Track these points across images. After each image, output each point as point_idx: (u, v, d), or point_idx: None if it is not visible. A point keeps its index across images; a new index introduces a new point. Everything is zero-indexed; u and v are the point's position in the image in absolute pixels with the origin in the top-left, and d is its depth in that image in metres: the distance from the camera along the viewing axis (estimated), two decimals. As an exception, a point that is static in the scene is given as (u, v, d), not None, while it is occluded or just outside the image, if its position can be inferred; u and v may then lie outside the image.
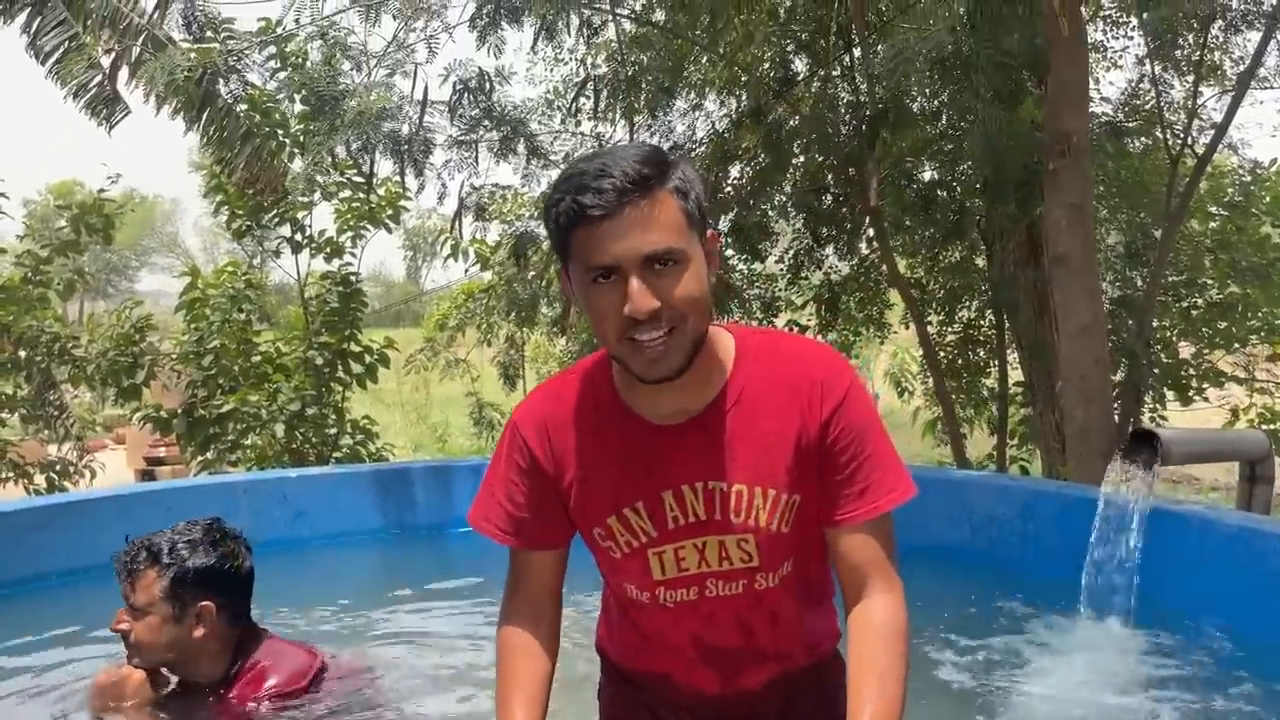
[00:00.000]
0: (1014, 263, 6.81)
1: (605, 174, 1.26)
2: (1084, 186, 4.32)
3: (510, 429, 1.53)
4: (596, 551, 1.53)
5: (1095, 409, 4.24)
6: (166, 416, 7.11)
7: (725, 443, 1.42)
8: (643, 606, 1.52)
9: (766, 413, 1.42)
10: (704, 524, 1.44)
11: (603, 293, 1.29)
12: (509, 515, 1.51)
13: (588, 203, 1.26)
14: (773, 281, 7.71)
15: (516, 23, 5.08)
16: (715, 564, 1.46)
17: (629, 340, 1.30)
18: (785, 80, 5.98)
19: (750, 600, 1.49)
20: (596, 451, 1.46)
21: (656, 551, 1.46)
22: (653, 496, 1.44)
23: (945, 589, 4.02)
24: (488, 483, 1.55)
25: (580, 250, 1.29)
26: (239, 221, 7.44)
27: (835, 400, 1.42)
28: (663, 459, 1.43)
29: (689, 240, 1.30)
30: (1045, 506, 3.97)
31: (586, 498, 1.47)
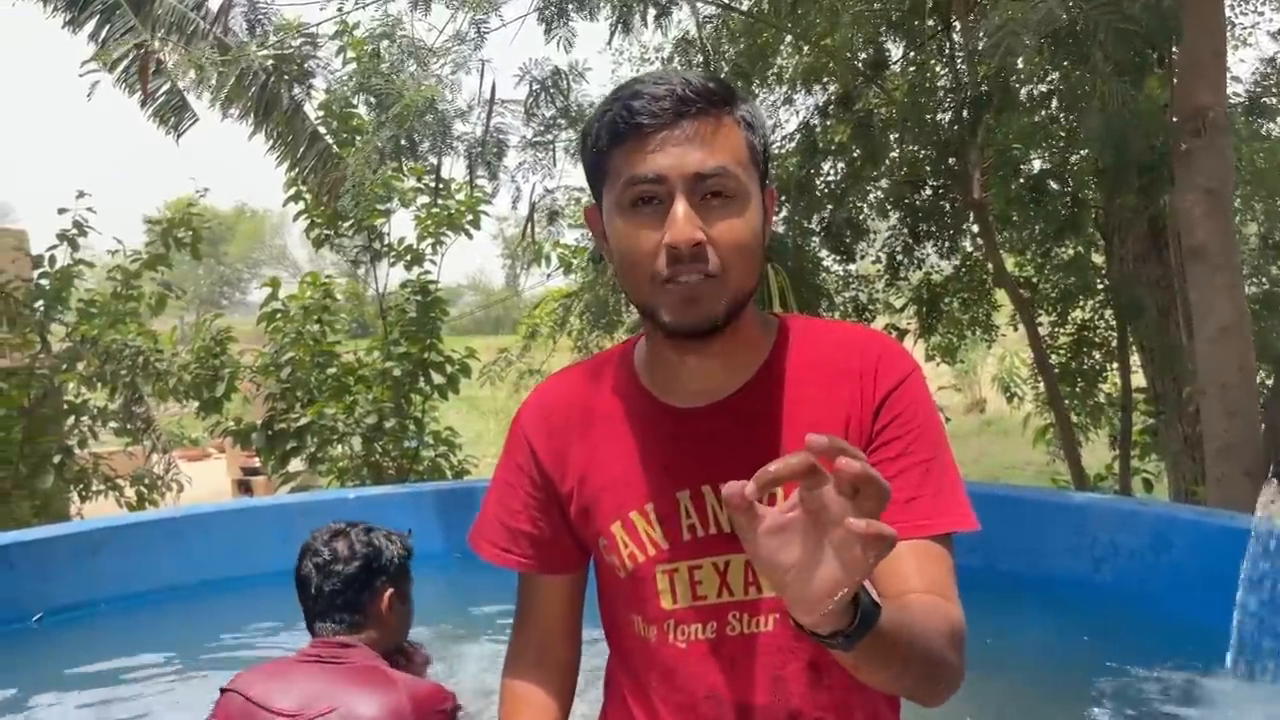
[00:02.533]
0: (1134, 258, 6.25)
1: (664, 82, 1.07)
2: (1223, 169, 3.80)
3: (511, 426, 1.29)
4: (603, 573, 1.26)
5: (1240, 423, 3.71)
6: (245, 430, 7.05)
7: (759, 433, 1.15)
8: (649, 652, 1.19)
9: (811, 398, 1.15)
10: (728, 538, 1.13)
11: (639, 219, 1.07)
12: (505, 528, 1.27)
13: (639, 108, 1.05)
14: (869, 283, 7.26)
15: (586, 14, 4.78)
16: (740, 591, 1.14)
17: (660, 284, 1.06)
18: (876, 64, 5.54)
19: (783, 642, 1.15)
20: (605, 442, 1.21)
21: (667, 569, 1.16)
22: (666, 498, 1.16)
23: (1060, 631, 3.58)
24: (486, 496, 1.31)
25: (620, 165, 1.08)
26: (317, 230, 7.35)
27: (892, 381, 1.15)
28: (681, 451, 1.16)
29: (750, 176, 1.09)
30: (1182, 536, 3.48)
31: (591, 500, 1.21)
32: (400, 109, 3.92)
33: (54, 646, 3.47)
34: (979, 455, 13.19)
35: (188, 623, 3.70)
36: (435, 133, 4.23)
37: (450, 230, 7.57)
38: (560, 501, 1.23)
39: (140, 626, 3.61)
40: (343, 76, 5.52)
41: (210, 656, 3.40)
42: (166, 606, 3.73)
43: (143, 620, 3.66)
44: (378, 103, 4.57)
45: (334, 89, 5.65)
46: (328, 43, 5.23)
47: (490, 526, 1.28)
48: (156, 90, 5.34)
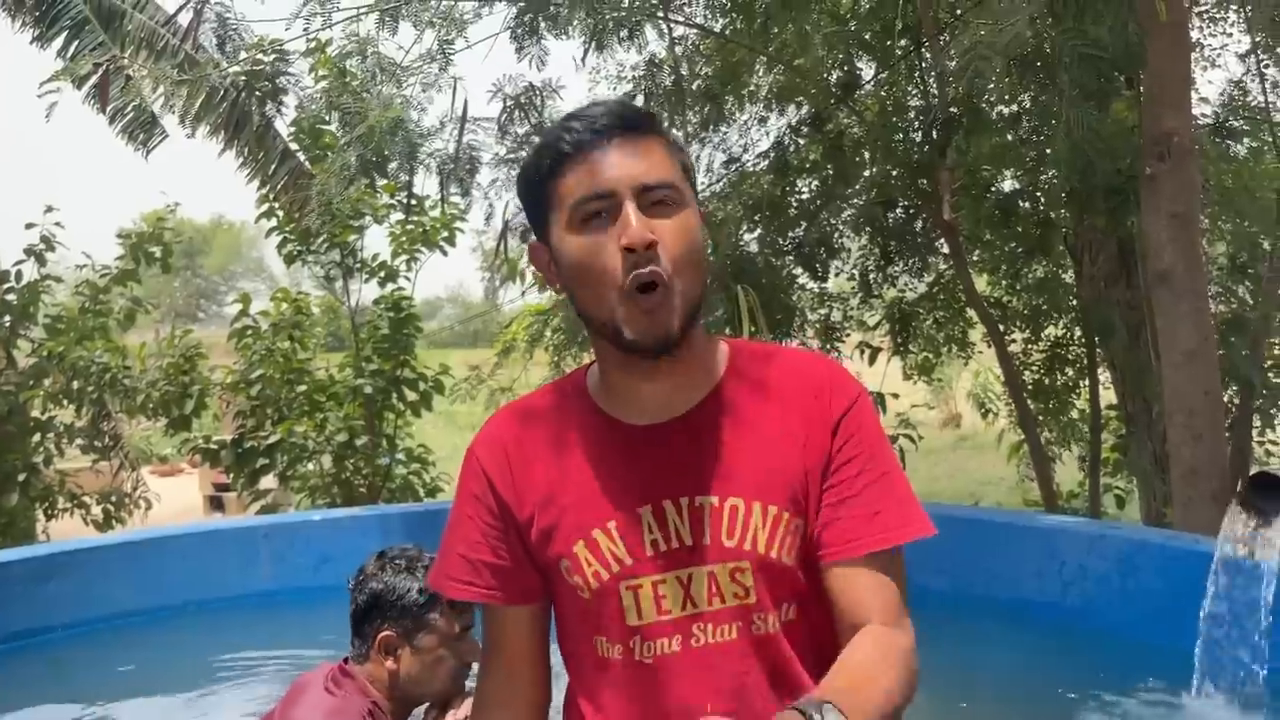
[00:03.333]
0: (1105, 278, 6.28)
1: (596, 106, 1.18)
2: (1189, 194, 3.82)
3: (466, 457, 1.29)
4: (563, 600, 1.24)
5: (1205, 447, 3.72)
6: (215, 447, 6.97)
7: (717, 448, 1.19)
8: (614, 672, 1.19)
9: (766, 414, 1.21)
10: (690, 551, 1.17)
11: (592, 235, 1.12)
12: (466, 561, 1.25)
13: (580, 128, 1.14)
14: (843, 301, 7.27)
15: (559, 33, 4.78)
16: (703, 603, 1.16)
17: (627, 296, 1.10)
18: (848, 85, 5.57)
19: (745, 649, 1.17)
20: (564, 465, 1.22)
21: (632, 585, 1.17)
22: (628, 513, 1.18)
23: (1030, 653, 3.58)
24: (445, 532, 1.30)
25: (567, 188, 1.14)
26: (290, 246, 7.29)
27: (845, 403, 1.21)
28: (640, 467, 1.19)
29: (685, 186, 1.18)
30: (1150, 559, 3.49)
31: (552, 523, 1.21)
32: (365, 129, 3.89)
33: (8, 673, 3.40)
34: (954, 471, 13.22)
35: (147, 648, 3.64)
36: (403, 152, 4.20)
37: (425, 247, 7.54)
38: (519, 529, 1.23)
39: (98, 652, 3.55)
40: (313, 94, 5.49)
41: (171, 682, 3.35)
42: (125, 632, 3.67)
43: (101, 646, 3.60)
44: (346, 121, 4.55)
45: (305, 106, 5.61)
46: (298, 60, 5.21)
47: (451, 561, 1.27)
48: (125, 107, 5.28)
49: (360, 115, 4.18)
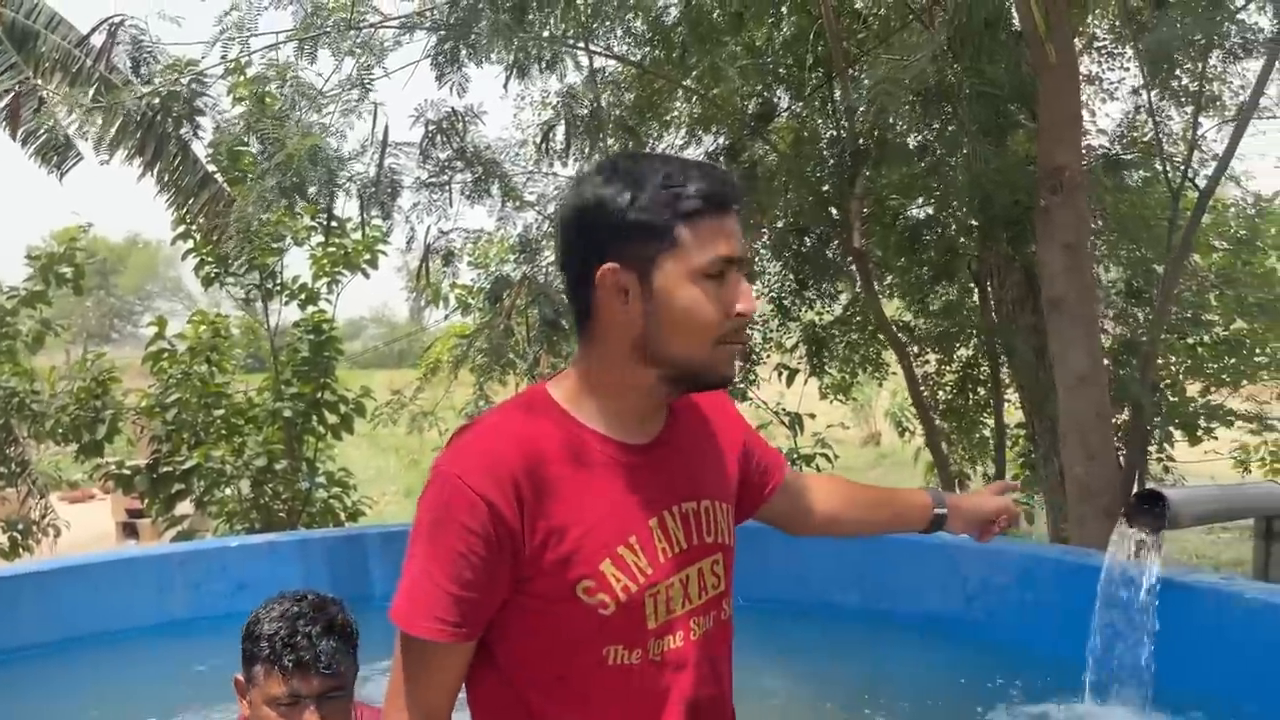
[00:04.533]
0: (1013, 302, 6.53)
1: (715, 174, 1.25)
2: (1079, 225, 4.03)
3: (450, 488, 1.21)
4: (567, 620, 1.23)
5: (1098, 466, 3.92)
6: (128, 473, 6.82)
7: (689, 459, 1.37)
8: (625, 675, 1.26)
9: (704, 425, 1.43)
10: (686, 553, 1.31)
11: (711, 289, 1.23)
12: (456, 601, 1.20)
13: (712, 192, 1.22)
14: (765, 323, 7.43)
15: (477, 60, 4.83)
16: (696, 598, 1.32)
17: (721, 344, 1.25)
18: (762, 116, 5.72)
19: (718, 634, 1.37)
20: (577, 488, 1.26)
21: (653, 593, 1.28)
22: (643, 528, 1.28)
23: (934, 665, 3.73)
24: (422, 567, 1.22)
25: (698, 241, 1.22)
26: (207, 268, 7.20)
27: (730, 402, 1.53)
28: (644, 483, 1.30)
29: None
30: (1046, 573, 3.66)
31: (572, 547, 1.23)
32: (284, 157, 3.90)
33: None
34: (874, 488, 13.49)
35: (54, 682, 3.56)
36: (321, 178, 4.20)
37: (346, 269, 7.50)
38: (520, 560, 1.21)
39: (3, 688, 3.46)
40: (232, 118, 5.45)
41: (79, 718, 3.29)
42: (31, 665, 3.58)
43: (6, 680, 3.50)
44: (265, 147, 4.53)
45: (224, 129, 5.57)
46: (216, 83, 5.17)
47: (435, 600, 1.20)
48: (38, 129, 5.18)
49: (279, 142, 4.17)
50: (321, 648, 1.84)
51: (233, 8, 4.22)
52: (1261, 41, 4.93)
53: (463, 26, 4.35)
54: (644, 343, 1.25)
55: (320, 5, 4.41)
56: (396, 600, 1.24)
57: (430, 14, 4.76)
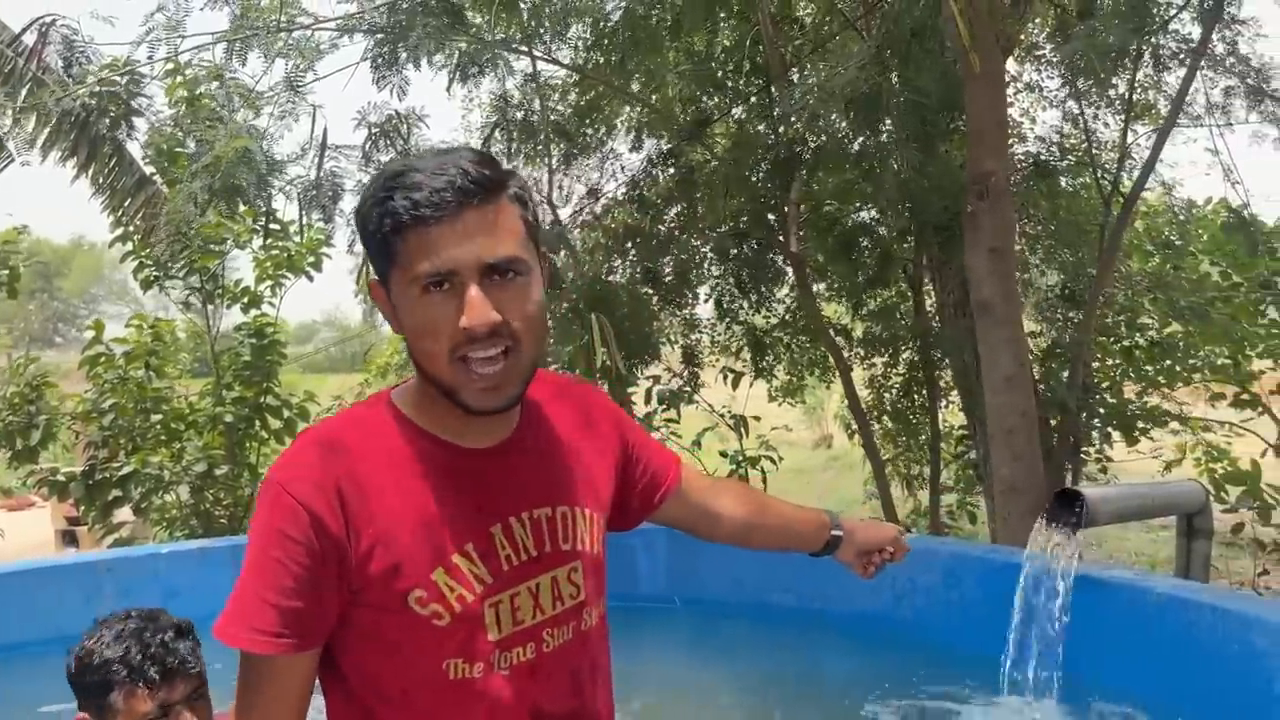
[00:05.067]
0: (954, 305, 6.63)
1: (442, 173, 1.13)
2: (1005, 230, 4.12)
3: (273, 497, 1.18)
4: (402, 632, 1.19)
5: (1023, 466, 4.00)
6: (63, 480, 6.69)
7: (545, 463, 1.32)
8: (469, 689, 1.21)
9: (566, 427, 1.37)
10: (536, 561, 1.26)
11: (433, 304, 1.14)
12: (277, 610, 1.15)
13: (423, 201, 1.12)
14: (711, 327, 7.48)
15: (416, 63, 4.83)
16: (549, 608, 1.27)
17: (460, 361, 1.15)
18: (700, 122, 5.78)
19: (578, 646, 1.31)
20: (406, 494, 1.20)
21: (494, 602, 1.22)
22: (482, 535, 1.23)
23: (864, 662, 3.79)
24: (244, 578, 1.19)
25: (410, 256, 1.14)
26: (146, 271, 7.09)
27: (610, 406, 1.49)
28: (486, 489, 1.24)
29: (530, 252, 1.20)
30: (971, 572, 3.73)
31: (399, 555, 1.17)
32: (213, 158, 3.86)
33: None
34: (825, 491, 13.61)
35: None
36: (254, 181, 4.17)
37: (290, 272, 7.43)
38: (347, 569, 1.17)
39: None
40: (167, 118, 5.39)
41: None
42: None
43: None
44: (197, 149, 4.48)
45: (159, 129, 5.50)
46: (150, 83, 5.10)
47: (254, 611, 1.16)
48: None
49: (209, 144, 4.13)
50: (181, 651, 1.82)
51: (159, 8, 4.18)
52: (1183, 52, 5.05)
53: (399, 29, 4.35)
54: (411, 356, 1.21)
55: (251, 5, 4.39)
56: (221, 619, 1.19)
57: (367, 16, 4.74)
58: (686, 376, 6.66)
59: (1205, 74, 5.53)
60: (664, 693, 3.71)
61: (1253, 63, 5.44)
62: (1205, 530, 3.97)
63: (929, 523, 6.59)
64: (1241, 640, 2.88)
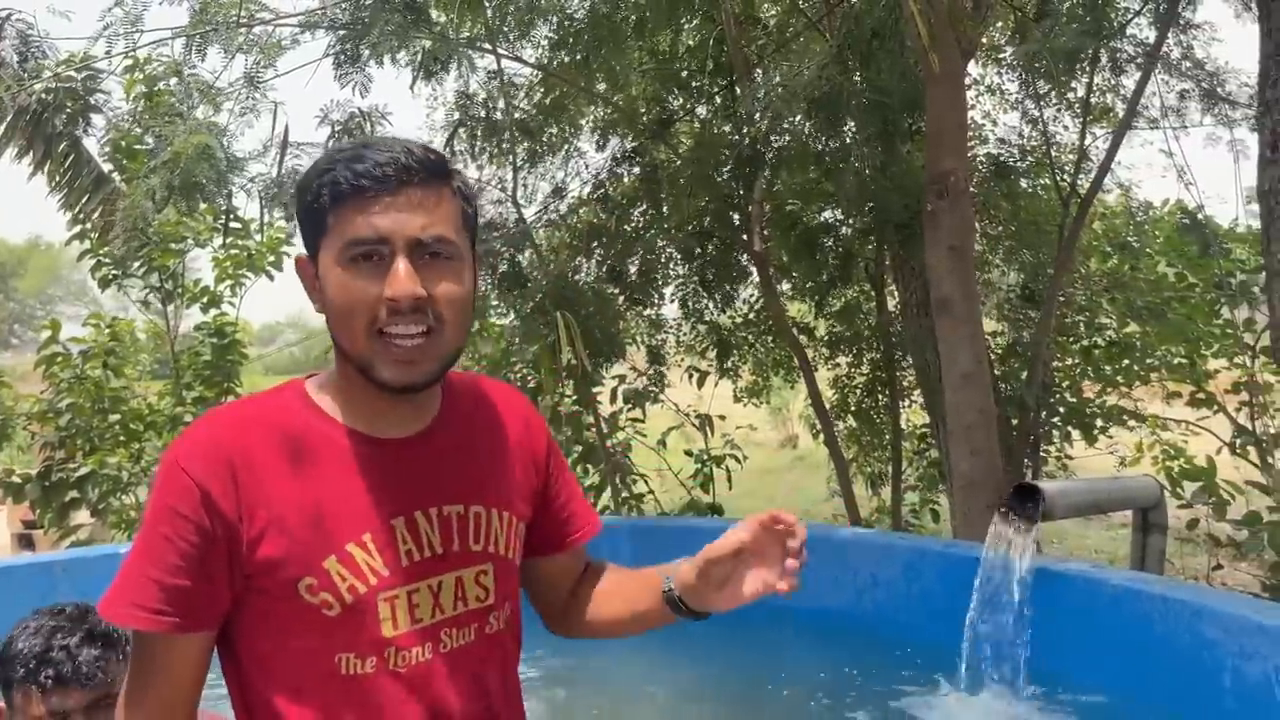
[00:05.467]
0: (916, 304, 6.70)
1: (388, 150, 1.15)
2: (964, 229, 4.17)
3: (166, 473, 1.16)
4: (293, 621, 1.17)
5: (981, 462, 4.05)
6: (19, 482, 6.59)
7: (463, 460, 1.28)
8: (362, 688, 1.18)
9: (493, 431, 1.34)
10: (440, 559, 1.23)
11: (358, 276, 1.14)
12: (159, 587, 1.13)
13: (364, 172, 1.13)
14: (676, 327, 7.50)
15: (379, 60, 4.80)
16: (450, 608, 1.24)
17: (379, 335, 1.14)
18: (663, 121, 5.80)
19: (484, 650, 1.28)
20: (304, 479, 1.18)
21: (388, 597, 1.19)
22: (382, 526, 1.19)
23: (825, 656, 3.81)
24: (133, 556, 1.17)
25: (342, 224, 1.14)
26: (104, 270, 7.00)
27: (544, 429, 1.43)
28: (392, 481, 1.21)
29: (464, 242, 1.21)
30: (930, 567, 3.77)
31: (291, 540, 1.16)
32: (171, 155, 3.83)
33: None
34: (791, 490, 13.68)
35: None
36: (214, 178, 4.13)
37: (250, 272, 7.37)
38: (235, 548, 1.15)
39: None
40: (124, 114, 5.32)
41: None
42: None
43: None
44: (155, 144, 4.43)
45: (117, 125, 5.43)
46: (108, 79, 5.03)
47: (137, 587, 1.14)
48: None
49: (168, 140, 4.09)
50: (82, 658, 1.75)
51: (118, 2, 4.13)
52: (1139, 55, 5.14)
53: (361, 26, 4.33)
54: (331, 333, 1.20)
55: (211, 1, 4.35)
56: (105, 596, 1.18)
57: (328, 12, 4.71)
58: (652, 376, 6.67)
59: (1161, 77, 5.63)
60: (623, 691, 3.72)
61: (1207, 66, 5.55)
62: (1160, 525, 4.04)
63: (892, 520, 6.65)
64: (1192, 630, 2.94)
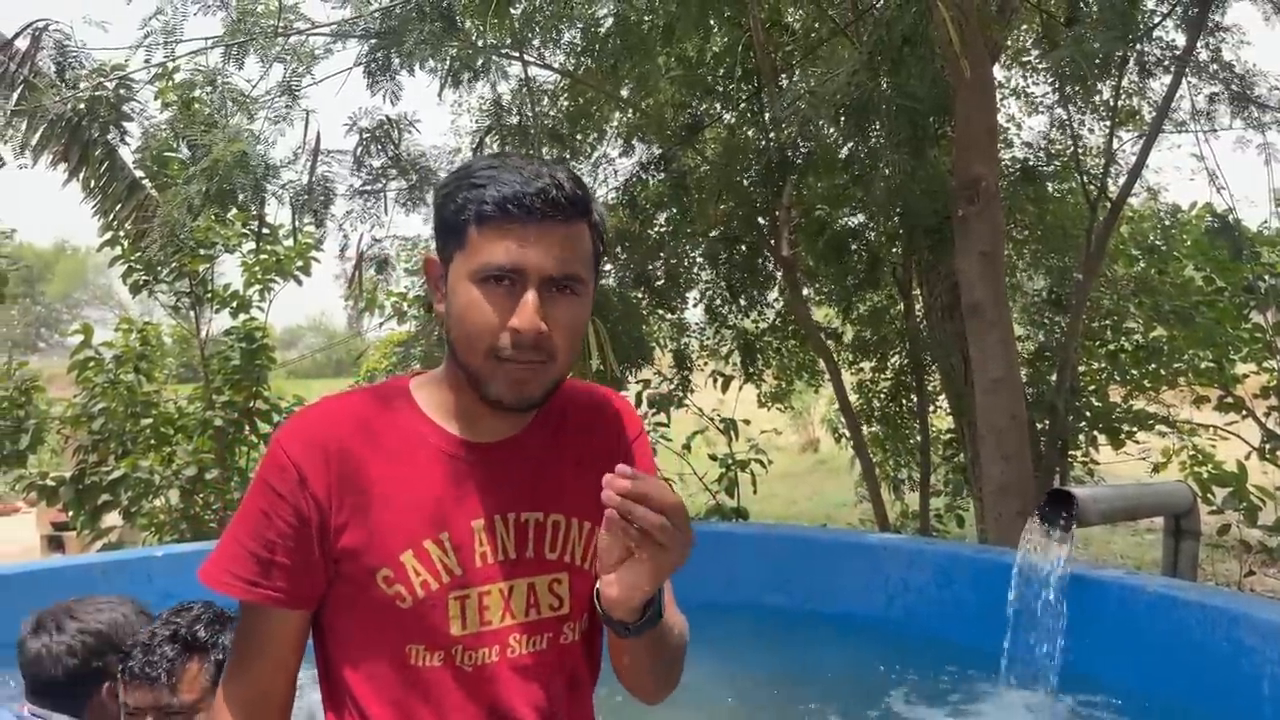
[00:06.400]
0: (943, 309, 6.68)
1: (538, 179, 1.16)
2: (994, 234, 4.17)
3: (270, 452, 1.21)
4: (371, 609, 1.21)
5: (1013, 467, 4.04)
6: (53, 484, 6.66)
7: (548, 469, 1.28)
8: (428, 680, 1.21)
9: (582, 438, 1.33)
10: (513, 564, 1.24)
11: (489, 296, 1.16)
12: (257, 560, 1.18)
13: (512, 198, 1.14)
14: (701, 331, 7.52)
15: (409, 68, 4.85)
16: (521, 614, 1.24)
17: (496, 359, 1.16)
18: (692, 127, 5.81)
19: (554, 660, 1.28)
20: (392, 474, 1.22)
21: (459, 595, 1.21)
22: (462, 527, 1.22)
23: (858, 661, 3.82)
24: (232, 528, 1.22)
25: (482, 246, 1.16)
26: (135, 275, 7.08)
27: (637, 427, 1.40)
28: (476, 483, 1.24)
29: (590, 274, 1.22)
30: (962, 572, 3.77)
31: (374, 530, 1.19)
32: (210, 162, 3.88)
33: None
34: (812, 493, 13.67)
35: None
36: (249, 184, 4.18)
37: (279, 276, 7.43)
38: (325, 532, 1.19)
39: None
40: (159, 123, 5.39)
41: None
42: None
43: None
44: (193, 152, 4.49)
45: (151, 133, 5.50)
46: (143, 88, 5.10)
47: (236, 558, 1.19)
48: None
49: (205, 148, 4.14)
50: (155, 657, 1.87)
51: (158, 12, 4.19)
52: (1168, 59, 5.12)
53: (393, 34, 4.37)
54: (448, 339, 1.23)
55: (248, 11, 4.40)
56: (205, 563, 1.22)
57: (361, 21, 4.76)
58: (677, 380, 6.69)
59: (1190, 80, 5.61)
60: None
61: (1236, 69, 5.53)
62: (1193, 531, 4.03)
63: (919, 525, 6.63)
64: (1230, 637, 2.93)
